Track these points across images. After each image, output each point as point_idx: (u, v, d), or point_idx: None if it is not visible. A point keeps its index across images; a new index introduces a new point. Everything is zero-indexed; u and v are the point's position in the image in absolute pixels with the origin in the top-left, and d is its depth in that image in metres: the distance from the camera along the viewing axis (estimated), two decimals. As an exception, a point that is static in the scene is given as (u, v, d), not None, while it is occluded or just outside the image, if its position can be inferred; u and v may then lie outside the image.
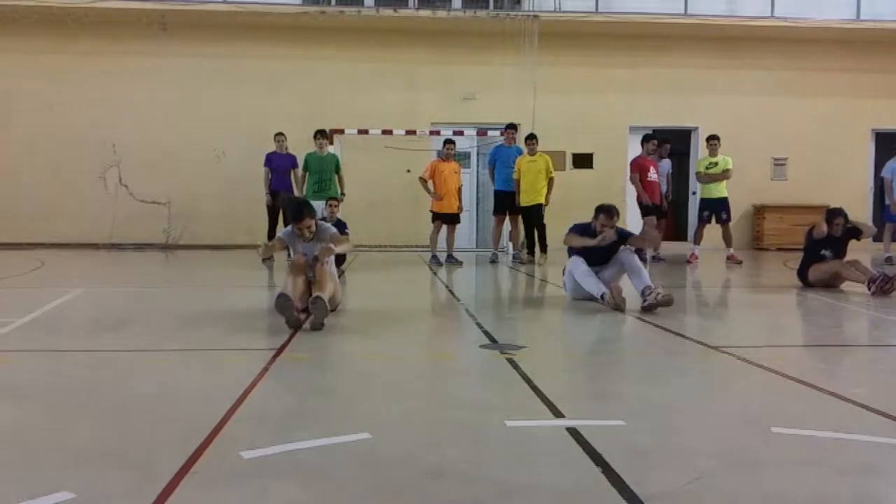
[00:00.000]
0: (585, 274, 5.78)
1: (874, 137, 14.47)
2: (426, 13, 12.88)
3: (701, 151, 12.39)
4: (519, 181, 9.90)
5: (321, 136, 10.20)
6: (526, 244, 10.18)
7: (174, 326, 4.84)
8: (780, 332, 5.27)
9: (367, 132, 12.92)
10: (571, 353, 4.37)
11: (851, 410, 2.89)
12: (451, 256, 10.08)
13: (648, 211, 10.10)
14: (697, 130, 13.71)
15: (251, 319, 5.12)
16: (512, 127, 10.60)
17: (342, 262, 6.75)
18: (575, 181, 12.82)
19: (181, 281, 8.58)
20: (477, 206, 13.92)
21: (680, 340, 4.42)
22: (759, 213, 13.91)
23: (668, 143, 11.22)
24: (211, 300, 6.45)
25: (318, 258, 4.91)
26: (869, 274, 6.69)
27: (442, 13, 12.89)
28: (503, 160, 10.17)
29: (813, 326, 5.50)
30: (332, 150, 10.69)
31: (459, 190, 10.20)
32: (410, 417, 2.78)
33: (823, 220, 7.16)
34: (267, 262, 9.01)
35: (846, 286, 7.04)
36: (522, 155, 9.93)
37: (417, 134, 13.08)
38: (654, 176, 10.35)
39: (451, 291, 7.53)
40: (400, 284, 8.09)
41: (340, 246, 5.23)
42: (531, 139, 9.98)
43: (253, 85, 13.17)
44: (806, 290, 7.03)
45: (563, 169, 13.28)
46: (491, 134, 13.08)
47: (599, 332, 4.88)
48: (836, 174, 13.99)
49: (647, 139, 10.63)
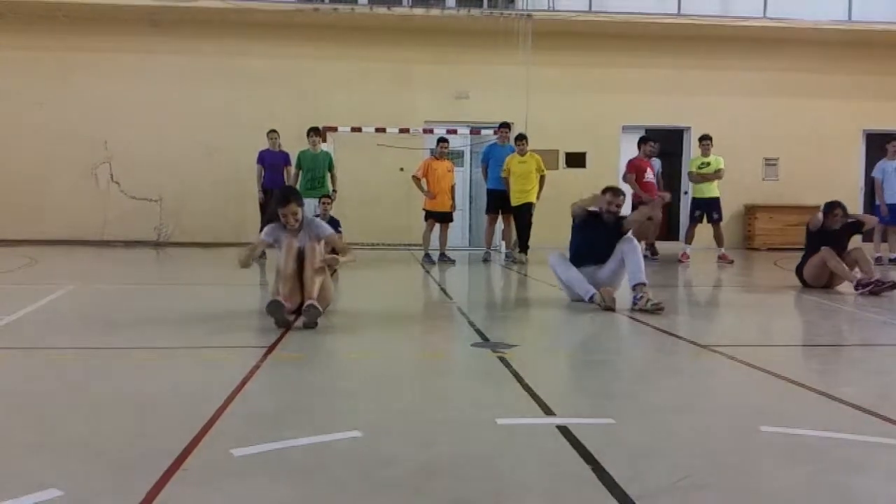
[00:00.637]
0: (572, 276, 5.71)
1: (865, 138, 14.56)
2: (420, 11, 12.88)
3: (693, 151, 12.44)
4: (507, 180, 9.89)
5: (314, 133, 10.18)
6: (518, 244, 10.18)
7: (164, 324, 4.82)
8: (769, 331, 5.29)
9: (360, 130, 12.91)
10: (563, 351, 4.37)
11: (839, 409, 2.91)
12: (443, 255, 10.08)
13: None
14: (690, 130, 13.76)
15: (242, 317, 5.10)
16: (505, 126, 10.61)
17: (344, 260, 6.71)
18: (568, 180, 12.83)
19: (172, 278, 8.55)
20: (470, 204, 13.93)
21: (671, 339, 4.44)
22: (750, 212, 13.97)
23: (656, 142, 11.23)
24: (201, 298, 6.43)
25: (306, 248, 4.76)
26: (862, 277, 6.63)
27: (436, 11, 12.90)
28: (496, 159, 10.17)
29: (802, 326, 5.54)
30: (325, 147, 10.67)
31: (453, 188, 10.20)
32: (401, 416, 2.78)
33: (821, 211, 7.06)
34: (260, 259, 8.88)
35: (844, 286, 6.96)
36: (512, 155, 9.91)
37: (411, 132, 13.08)
38: (650, 177, 10.37)
39: (443, 290, 7.53)
40: (392, 283, 8.08)
41: (345, 256, 5.05)
42: (521, 139, 9.96)
43: (246, 82, 13.14)
44: (801, 290, 6.97)
45: (556, 168, 13.31)
46: (484, 133, 13.09)
47: (591, 330, 4.89)
48: (827, 175, 14.07)
49: (644, 141, 10.62)
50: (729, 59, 13.85)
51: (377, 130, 12.94)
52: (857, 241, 7.42)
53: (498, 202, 10.19)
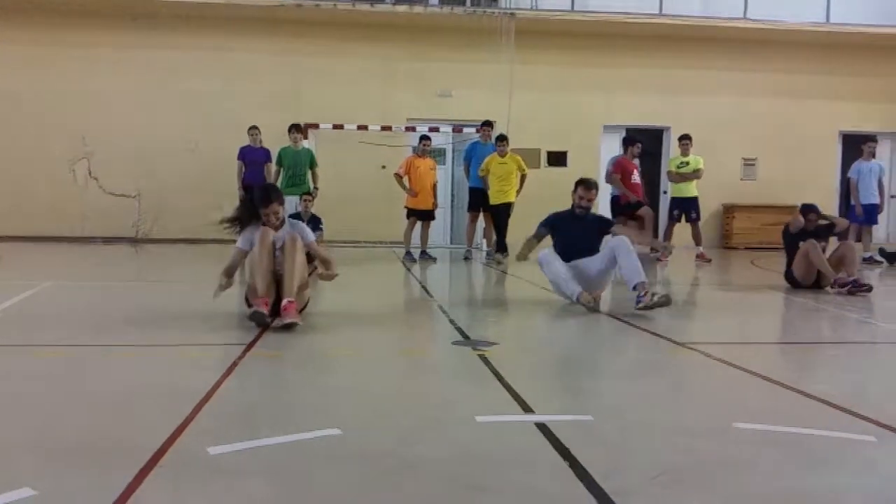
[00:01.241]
0: (559, 273, 5.50)
1: (841, 139, 14.75)
2: (403, 8, 12.84)
3: (673, 151, 12.53)
4: (485, 179, 9.89)
5: (295, 130, 10.13)
6: (496, 243, 10.17)
7: (142, 321, 4.77)
8: (746, 329, 5.36)
9: (342, 127, 12.86)
10: (543, 349, 4.39)
11: (813, 406, 2.95)
12: (424, 253, 10.08)
13: (633, 208, 10.08)
14: (669, 130, 13.85)
15: (220, 315, 5.05)
16: (488, 124, 10.62)
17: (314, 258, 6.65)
18: (549, 179, 12.87)
19: (150, 275, 8.47)
20: (452, 202, 13.93)
21: (649, 337, 4.48)
22: (728, 212, 14.11)
23: (640, 143, 11.28)
24: (180, 295, 6.38)
25: (284, 244, 4.59)
26: (840, 276, 6.68)
27: (419, 9, 12.86)
28: (478, 157, 10.17)
29: (779, 324, 5.61)
30: (306, 144, 10.63)
31: (434, 186, 10.20)
32: (381, 414, 2.78)
33: (799, 212, 7.18)
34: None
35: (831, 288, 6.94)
36: (493, 155, 9.89)
37: (393, 130, 13.05)
38: (637, 178, 10.39)
39: (424, 288, 7.53)
40: (373, 280, 8.07)
41: (332, 266, 4.88)
42: (502, 140, 9.91)
43: (227, 77, 13.02)
44: (782, 289, 6.99)
45: (537, 167, 13.34)
46: (466, 131, 13.09)
47: (571, 329, 4.92)
48: (804, 175, 14.23)
49: (631, 142, 10.49)
50: (709, 59, 13.96)
51: (359, 128, 12.89)
52: (832, 241, 7.49)
53: (479, 200, 10.20)
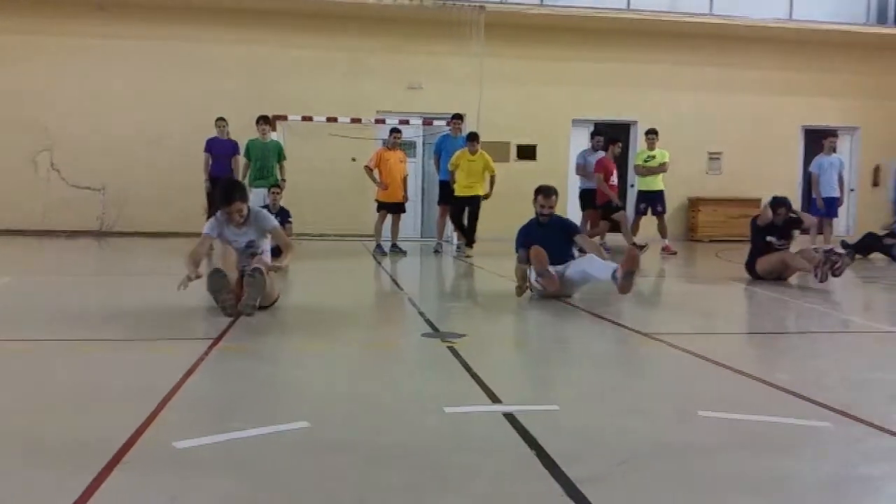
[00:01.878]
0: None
1: (804, 134, 15.07)
2: (373, 0, 12.77)
3: (639, 145, 12.68)
4: (453, 174, 9.87)
5: (263, 122, 10.02)
6: (465, 237, 10.16)
7: (106, 316, 4.70)
8: (710, 320, 5.46)
9: (311, 119, 12.76)
10: (511, 341, 4.43)
11: (774, 394, 3.03)
12: (395, 246, 10.06)
13: (612, 210, 10.13)
14: (636, 124, 14.01)
15: (187, 309, 4.99)
16: (458, 117, 10.62)
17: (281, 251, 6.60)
18: (518, 173, 12.94)
19: (114, 269, 8.33)
20: (422, 195, 13.91)
21: (616, 328, 4.54)
22: (693, 205, 14.33)
23: (601, 135, 11.36)
24: (145, 289, 6.28)
25: (253, 252, 4.62)
26: (814, 260, 6.71)
27: (388, 0, 12.80)
28: (449, 150, 10.16)
29: (742, 315, 5.73)
30: (274, 136, 10.52)
31: (405, 179, 10.18)
32: (350, 406, 2.78)
33: (768, 206, 7.20)
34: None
35: (794, 278, 7.10)
36: (463, 150, 9.85)
37: (363, 122, 12.98)
38: (615, 179, 10.45)
39: (394, 281, 7.53)
40: (343, 274, 8.04)
41: (286, 255, 4.85)
42: (473, 139, 9.80)
43: (194, 68, 12.82)
44: (745, 281, 7.10)
45: (507, 160, 13.40)
46: (437, 124, 13.08)
47: (538, 320, 4.96)
48: (767, 169, 14.51)
49: (612, 142, 10.48)
50: (675, 54, 14.13)
51: (328, 120, 12.81)
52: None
53: (450, 194, 10.20)
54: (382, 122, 12.94)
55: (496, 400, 2.82)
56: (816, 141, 12.80)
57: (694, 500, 1.93)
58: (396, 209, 10.11)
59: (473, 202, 9.92)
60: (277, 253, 5.21)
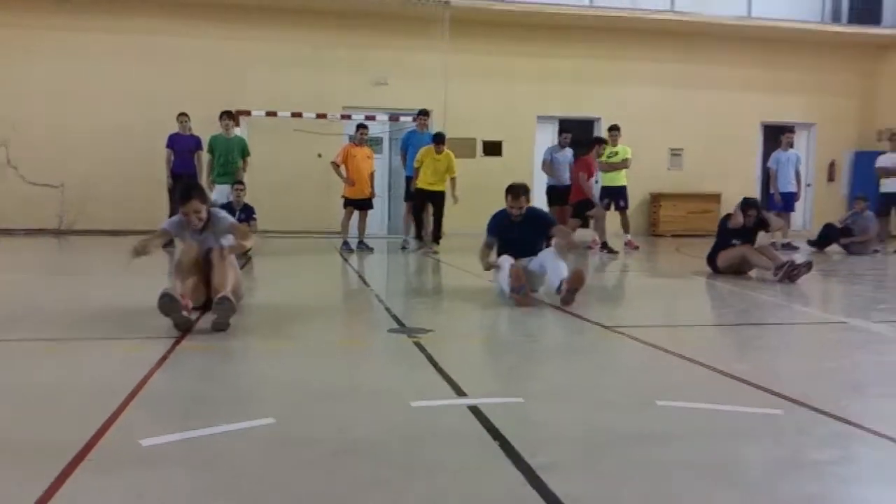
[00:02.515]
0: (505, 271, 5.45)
1: (763, 130, 15.41)
2: (337, -5, 12.70)
3: (604, 141, 12.82)
4: (418, 170, 9.86)
5: (227, 117, 9.91)
6: (433, 232, 10.18)
7: (68, 315, 4.63)
8: (671, 313, 5.59)
9: (275, 115, 12.65)
10: (476, 335, 4.48)
11: (730, 384, 3.12)
12: (362, 243, 10.05)
13: (588, 207, 10.18)
14: (600, 121, 14.18)
15: (149, 308, 4.93)
16: (424, 113, 10.64)
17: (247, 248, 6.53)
18: (484, 168, 13.02)
19: (76, 268, 8.19)
20: (389, 192, 13.91)
21: (578, 322, 4.62)
22: (655, 200, 14.56)
23: (568, 132, 11.48)
24: (106, 288, 6.19)
25: (212, 250, 4.36)
26: (777, 261, 6.84)
27: (353, -5, 12.75)
28: (415, 146, 10.17)
29: (701, 308, 5.86)
30: (238, 132, 10.42)
31: (372, 175, 10.16)
32: (316, 401, 2.80)
33: (739, 210, 7.25)
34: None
35: (754, 272, 7.21)
36: (429, 147, 9.85)
37: (328, 118, 12.92)
38: (595, 178, 10.51)
39: (361, 278, 7.53)
40: (309, 271, 8.02)
41: (246, 240, 4.62)
42: (439, 142, 9.71)
43: (155, 63, 12.62)
44: (707, 275, 7.22)
45: (473, 156, 13.47)
46: (403, 119, 13.08)
47: (504, 315, 5.02)
48: (727, 164, 14.83)
49: (599, 142, 10.44)
50: (637, 51, 14.34)
51: (293, 115, 12.72)
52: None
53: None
54: (348, 117, 12.90)
55: (462, 393, 2.86)
56: (775, 137, 13.12)
57: (651, 485, 2.00)
58: (363, 205, 10.09)
59: (437, 198, 9.94)
60: (245, 250, 5.10)
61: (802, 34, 14.71)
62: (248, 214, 8.70)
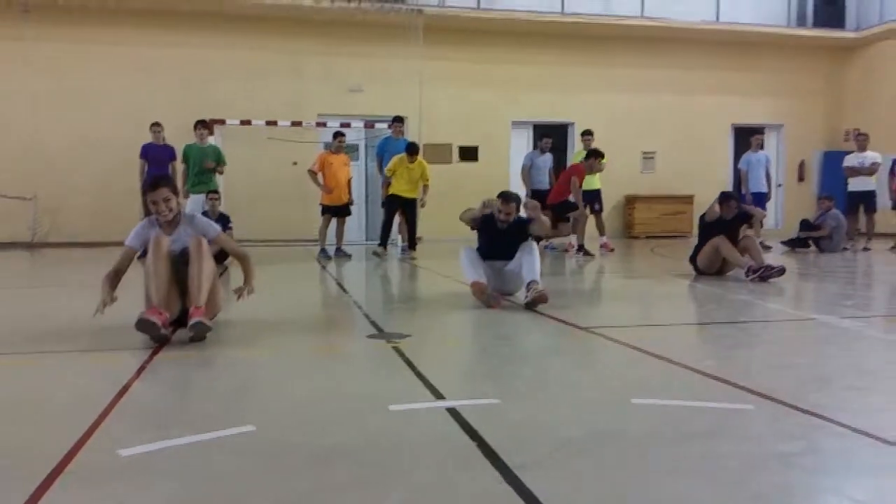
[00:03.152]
0: (471, 260, 5.60)
1: (733, 132, 15.68)
2: (309, 2, 12.72)
3: (577, 146, 12.98)
4: (390, 178, 9.90)
5: (202, 126, 9.89)
6: (408, 240, 10.21)
7: (43, 328, 4.59)
8: (645, 313, 5.67)
9: (250, 123, 12.63)
10: (454, 339, 4.52)
11: (702, 381, 3.19)
12: (339, 250, 10.05)
13: (571, 209, 10.21)
14: (573, 125, 14.34)
15: (125, 319, 4.91)
16: (399, 120, 10.69)
17: (225, 257, 6.52)
18: (460, 174, 13.11)
19: (49, 281, 8.09)
20: (366, 198, 13.93)
21: (554, 323, 4.68)
22: (629, 203, 14.75)
23: (549, 137, 11.61)
24: (82, 300, 6.11)
25: (190, 242, 4.10)
26: (757, 261, 6.86)
27: (326, 2, 12.78)
28: (391, 153, 10.22)
29: (675, 308, 5.95)
30: (212, 141, 10.38)
31: (349, 182, 10.18)
32: (296, 408, 2.81)
33: (716, 202, 7.24)
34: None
35: (734, 272, 7.22)
36: (402, 156, 9.87)
37: (303, 125, 12.92)
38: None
39: (339, 285, 7.54)
40: (288, 279, 8.00)
41: (249, 271, 4.46)
42: (413, 152, 9.78)
43: (128, 72, 12.55)
44: (687, 277, 7.28)
45: (449, 162, 13.54)
46: (378, 126, 13.12)
47: (481, 319, 5.06)
48: (699, 166, 15.07)
49: (596, 156, 10.22)
50: (610, 56, 14.54)
51: (268, 123, 12.70)
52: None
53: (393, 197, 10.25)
54: (323, 125, 12.91)
55: (440, 396, 2.90)
56: (745, 138, 13.36)
57: (626, 481, 2.05)
58: (341, 212, 10.11)
59: (410, 206, 9.99)
60: (220, 259, 5.06)
61: (769, 38, 15.02)
62: (223, 224, 8.67)
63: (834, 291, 6.69)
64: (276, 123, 12.73)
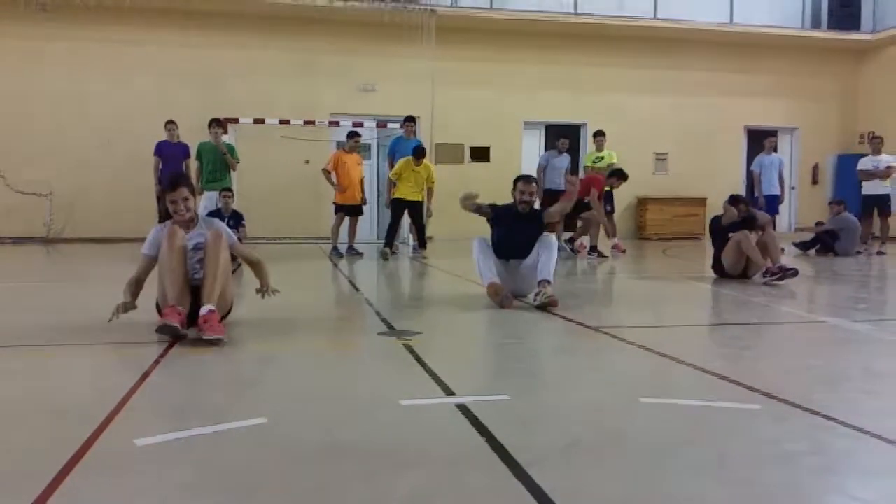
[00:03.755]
0: (482, 259, 5.58)
1: (746, 134, 15.61)
2: (323, 2, 12.79)
3: (589, 146, 12.97)
4: (395, 180, 9.89)
5: (216, 124, 9.96)
6: (418, 241, 10.22)
7: (58, 322, 4.66)
8: (656, 314, 5.67)
9: (263, 122, 12.71)
10: (464, 337, 4.55)
11: (711, 381, 3.21)
12: (351, 248, 10.10)
13: (583, 208, 10.12)
14: (586, 126, 14.33)
15: (141, 312, 4.98)
16: (411, 120, 10.72)
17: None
18: (472, 174, 13.12)
19: (66, 275, 8.19)
20: (377, 198, 13.98)
21: (565, 323, 4.70)
22: (642, 204, 14.71)
23: (566, 137, 11.61)
24: (96, 295, 6.19)
25: (207, 237, 4.12)
26: (775, 259, 6.83)
27: (339, 2, 12.84)
28: (403, 153, 10.25)
29: (686, 309, 5.95)
30: (225, 139, 10.46)
31: (362, 181, 10.23)
32: (308, 402, 2.85)
33: (729, 206, 7.23)
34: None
35: (758, 277, 7.10)
36: (408, 159, 9.84)
37: (316, 124, 12.99)
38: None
39: (351, 283, 7.58)
40: (300, 277, 8.05)
41: (264, 275, 4.54)
42: (420, 156, 9.74)
43: (144, 71, 12.66)
44: (698, 279, 7.21)
45: (461, 162, 13.57)
46: (390, 126, 13.17)
47: (491, 317, 5.08)
48: (712, 168, 15.01)
49: (620, 176, 10.11)
50: (623, 57, 14.51)
51: (281, 122, 12.78)
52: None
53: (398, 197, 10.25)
54: (336, 124, 12.97)
55: (450, 392, 2.93)
56: (758, 140, 13.30)
57: (634, 478, 2.07)
58: (354, 212, 10.16)
59: (416, 208, 9.99)
60: (234, 255, 5.08)
61: (784, 40, 14.94)
62: (236, 221, 8.75)
63: (846, 294, 6.66)
64: (289, 122, 12.80)
